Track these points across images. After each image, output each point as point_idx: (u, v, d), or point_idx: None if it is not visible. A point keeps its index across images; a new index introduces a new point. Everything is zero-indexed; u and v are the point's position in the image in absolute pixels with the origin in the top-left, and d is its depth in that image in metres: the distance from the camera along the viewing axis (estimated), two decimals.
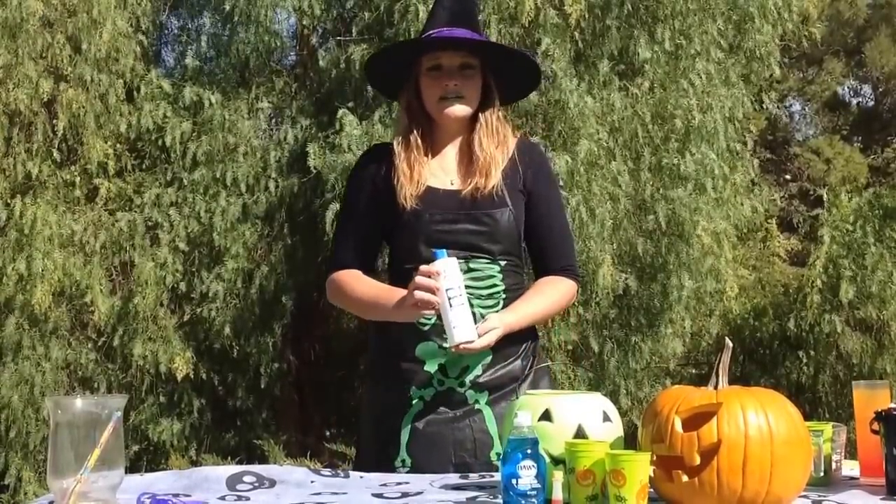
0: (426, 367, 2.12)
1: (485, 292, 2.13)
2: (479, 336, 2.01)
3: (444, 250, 2.02)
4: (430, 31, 2.20)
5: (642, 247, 5.30)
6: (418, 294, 1.99)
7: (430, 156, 2.21)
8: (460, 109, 2.17)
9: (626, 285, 5.27)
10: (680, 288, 5.41)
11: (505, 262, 2.17)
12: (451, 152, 2.24)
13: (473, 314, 2.03)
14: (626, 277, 5.27)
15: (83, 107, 5.22)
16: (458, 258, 2.04)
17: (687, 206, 5.23)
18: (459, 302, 1.98)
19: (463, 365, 2.12)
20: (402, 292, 2.07)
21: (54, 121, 5.23)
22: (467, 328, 1.98)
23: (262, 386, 5.60)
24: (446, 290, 1.98)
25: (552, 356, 5.13)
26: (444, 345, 2.05)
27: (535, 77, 2.34)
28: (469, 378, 2.12)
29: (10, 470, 5.15)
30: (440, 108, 2.18)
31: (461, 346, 1.99)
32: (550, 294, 2.21)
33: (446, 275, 1.99)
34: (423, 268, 2.01)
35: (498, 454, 2.06)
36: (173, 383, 5.39)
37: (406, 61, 2.23)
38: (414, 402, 2.13)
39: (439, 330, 2.03)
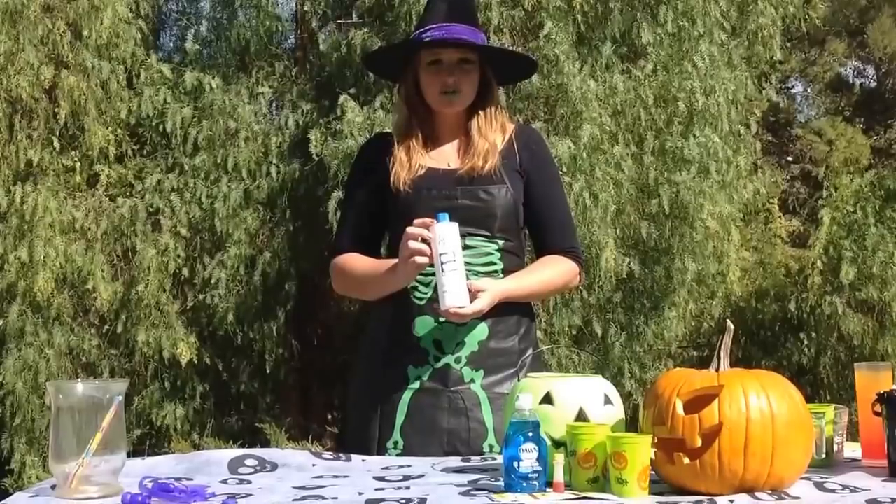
0: (422, 343, 2.12)
1: (482, 270, 2.13)
2: (472, 302, 2.02)
3: (447, 214, 2.03)
4: (429, 26, 2.22)
5: (646, 230, 5.29)
6: (412, 244, 2.01)
7: (428, 146, 2.24)
8: (460, 104, 2.21)
9: (630, 269, 5.26)
10: (683, 271, 5.40)
11: (503, 242, 2.17)
12: (449, 140, 2.26)
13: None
14: (630, 261, 5.27)
15: (84, 94, 5.20)
16: None
17: (691, 190, 5.22)
18: (452, 267, 1.98)
19: (458, 340, 2.12)
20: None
21: (55, 108, 5.22)
22: (459, 293, 1.98)
23: (267, 371, 5.61)
24: (440, 254, 1.98)
25: (556, 340, 5.14)
26: (440, 312, 2.05)
27: (531, 66, 2.48)
28: (465, 354, 2.12)
29: (14, 455, 5.17)
30: (440, 103, 2.21)
31: (451, 311, 2.00)
32: (549, 270, 2.22)
33: (443, 239, 1.99)
34: (415, 220, 2.04)
35: (491, 446, 2.08)
36: (177, 369, 5.40)
37: (405, 53, 2.29)
38: (411, 382, 2.13)
39: (435, 305, 2.04)
